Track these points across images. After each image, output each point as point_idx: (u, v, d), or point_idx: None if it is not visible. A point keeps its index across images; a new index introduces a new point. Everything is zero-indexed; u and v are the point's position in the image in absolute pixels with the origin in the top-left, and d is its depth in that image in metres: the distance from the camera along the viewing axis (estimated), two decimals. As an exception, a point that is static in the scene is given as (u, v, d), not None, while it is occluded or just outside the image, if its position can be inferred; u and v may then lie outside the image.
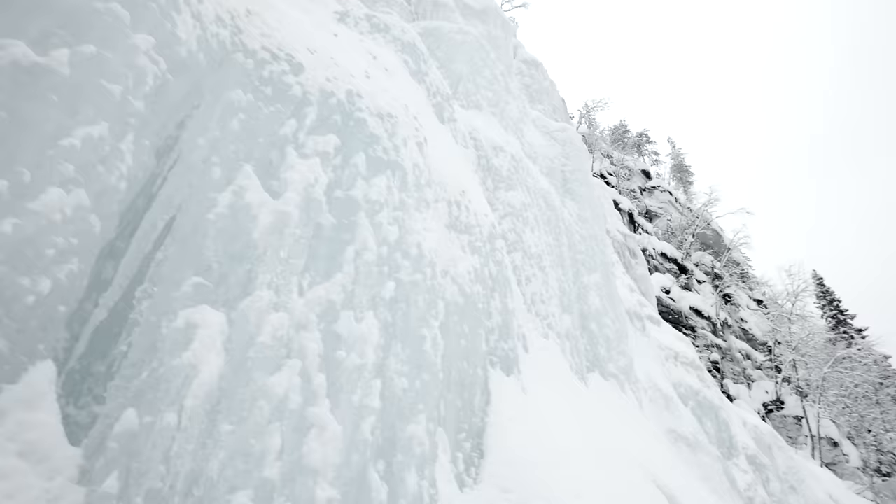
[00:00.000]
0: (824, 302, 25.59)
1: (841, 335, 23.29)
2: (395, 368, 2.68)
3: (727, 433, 10.43)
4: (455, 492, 3.07)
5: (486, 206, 5.58)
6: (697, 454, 8.89)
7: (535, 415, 4.28)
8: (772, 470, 11.14)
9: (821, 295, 26.03)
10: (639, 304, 11.27)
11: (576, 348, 6.33)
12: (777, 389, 18.20)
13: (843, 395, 18.54)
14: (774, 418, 17.80)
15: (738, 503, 9.44)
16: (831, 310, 25.54)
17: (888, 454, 18.17)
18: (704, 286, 20.72)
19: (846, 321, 25.02)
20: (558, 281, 6.68)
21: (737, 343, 19.38)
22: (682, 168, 35.28)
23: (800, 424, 17.51)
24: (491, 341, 4.32)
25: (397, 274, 2.98)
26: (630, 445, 5.88)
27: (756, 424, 12.72)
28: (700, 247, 23.25)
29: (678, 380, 10.21)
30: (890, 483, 17.41)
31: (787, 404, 17.99)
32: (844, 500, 13.87)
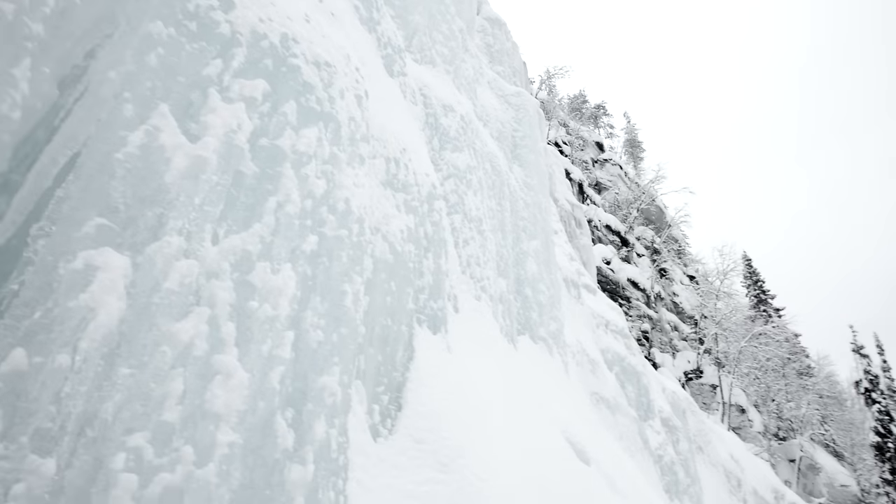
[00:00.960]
0: (750, 282, 27.47)
1: (760, 313, 25.19)
2: (311, 321, 2.72)
3: (646, 398, 11.23)
4: (368, 441, 3.20)
5: (429, 166, 5.59)
6: (616, 416, 9.56)
7: (459, 372, 4.47)
8: (682, 432, 12.14)
9: (748, 275, 27.89)
10: (577, 272, 11.73)
11: (508, 311, 6.57)
12: (698, 360, 19.63)
13: (756, 367, 20.24)
14: (693, 386, 19.26)
15: (649, 460, 10.30)
16: (755, 289, 27.47)
17: (786, 421, 20.17)
18: (643, 260, 21.72)
19: (767, 300, 27.03)
20: (497, 245, 6.84)
21: (667, 315, 20.62)
22: (634, 143, 36.16)
23: (714, 392, 19.05)
24: (420, 300, 4.42)
25: (321, 228, 2.98)
26: (551, 405, 6.25)
27: (674, 391, 13.74)
28: (643, 222, 24.22)
29: (606, 346, 10.82)
30: (784, 446, 19.42)
31: (705, 373, 19.47)
32: (743, 460, 15.37)
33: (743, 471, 15.05)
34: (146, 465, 1.88)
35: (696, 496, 11.52)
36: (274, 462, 2.35)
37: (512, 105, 10.27)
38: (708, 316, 20.55)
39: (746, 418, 19.23)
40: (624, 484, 6.80)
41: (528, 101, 10.56)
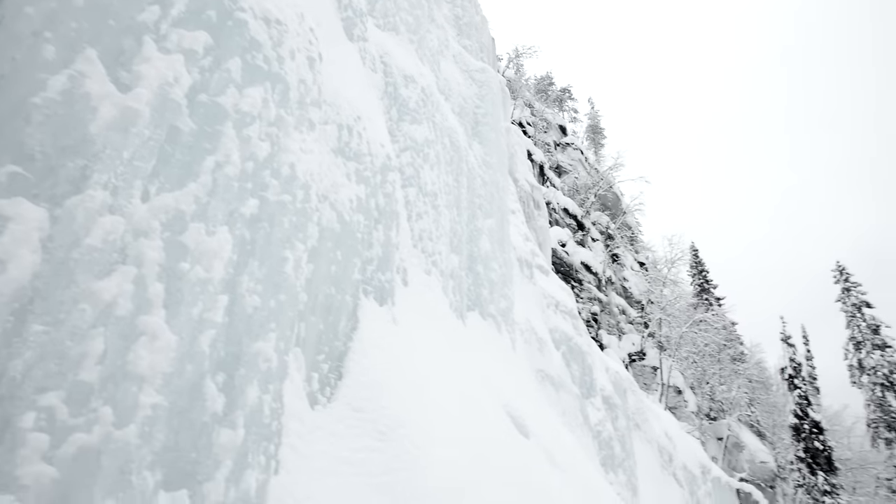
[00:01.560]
0: (695, 271, 28.74)
1: (703, 301, 26.48)
2: (247, 286, 2.67)
3: (590, 376, 11.67)
4: (305, 408, 3.20)
5: (385, 137, 5.51)
6: (560, 393, 9.91)
7: (404, 344, 4.50)
8: (622, 409, 12.72)
9: (693, 265, 29.14)
10: (531, 253, 11.94)
11: (459, 287, 6.63)
12: (642, 342, 20.52)
13: (694, 352, 21.37)
14: (636, 367, 20.15)
15: (588, 435, 10.76)
16: (699, 279, 28.78)
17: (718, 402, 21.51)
18: (597, 244, 22.33)
19: (709, 290, 28.40)
20: (451, 221, 6.86)
21: (616, 299, 21.36)
22: (596, 129, 36.72)
23: (655, 374, 20.01)
24: (368, 271, 4.40)
25: (263, 192, 2.90)
26: (495, 380, 6.40)
27: (617, 371, 14.34)
28: (600, 207, 24.81)
29: (555, 326, 11.13)
30: (714, 425, 20.76)
31: (648, 356, 20.39)
32: (676, 437, 16.29)
33: (675, 447, 15.95)
34: (59, 424, 1.82)
35: (630, 470, 12.14)
36: (202, 425, 2.32)
37: (476, 81, 10.20)
38: (654, 301, 21.44)
39: (682, 399, 20.34)
40: (562, 457, 7.08)
41: (492, 78, 10.51)
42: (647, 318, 21.42)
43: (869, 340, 27.10)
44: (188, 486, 2.16)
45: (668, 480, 15.25)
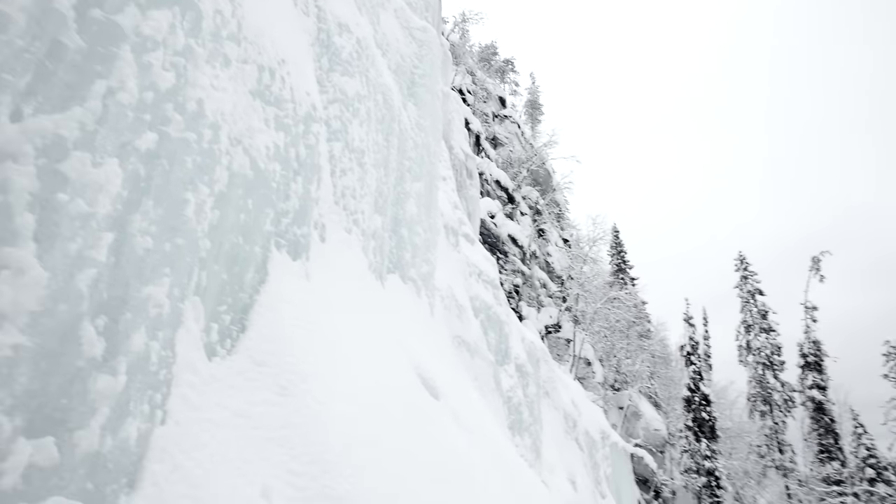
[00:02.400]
0: (614, 251, 30.40)
1: (618, 280, 28.13)
2: (140, 226, 2.50)
3: (506, 345, 12.15)
4: (201, 359, 3.09)
5: (312, 86, 5.28)
6: (475, 358, 10.25)
7: (316, 301, 4.43)
8: (533, 377, 13.39)
9: (614, 245, 30.77)
10: (459, 221, 12.06)
11: (380, 249, 6.59)
12: (559, 316, 21.58)
13: (606, 327, 22.79)
14: (551, 338, 21.20)
15: (499, 400, 11.28)
16: (618, 259, 30.49)
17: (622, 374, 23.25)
18: (525, 218, 22.95)
19: (625, 269, 30.18)
20: (377, 181, 6.75)
21: (539, 273, 22.20)
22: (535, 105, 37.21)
23: (568, 346, 21.17)
24: (282, 224, 4.25)
25: (163, 126, 2.69)
26: (410, 342, 6.49)
27: (532, 341, 15.02)
28: (531, 182, 25.40)
29: (476, 294, 11.42)
30: (617, 395, 22.48)
31: (563, 328, 21.51)
32: (581, 405, 17.46)
33: (580, 415, 17.08)
34: None
35: (535, 434, 12.89)
36: (76, 370, 2.17)
37: (416, 40, 9.93)
38: (574, 277, 22.49)
39: (591, 370, 21.73)
40: (470, 419, 7.36)
41: (433, 39, 10.28)
42: (565, 293, 22.47)
43: (758, 324, 30.06)
44: (56, 434, 2.03)
45: (570, 445, 16.37)
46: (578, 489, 15.14)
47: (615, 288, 24.39)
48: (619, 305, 22.85)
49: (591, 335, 22.22)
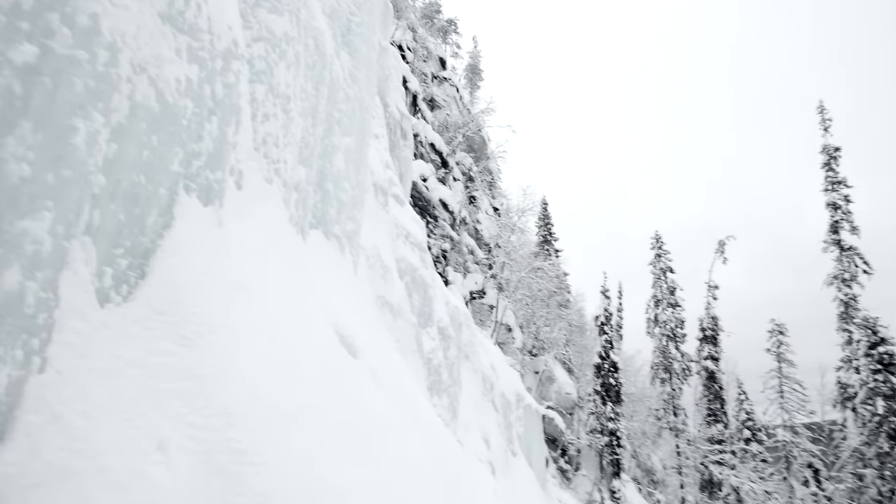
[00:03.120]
0: (542, 223, 31.36)
1: (544, 251, 29.16)
2: (13, 150, 2.21)
3: (429, 307, 12.29)
4: (91, 304, 2.85)
5: (235, 19, 4.88)
6: (398, 320, 10.29)
7: (228, 250, 4.21)
8: (455, 341, 13.71)
9: (542, 217, 31.70)
10: (390, 181, 11.87)
11: (304, 202, 6.36)
12: (484, 282, 22.10)
13: (528, 295, 23.67)
14: (475, 304, 21.72)
15: (419, 362, 11.47)
16: (545, 230, 31.50)
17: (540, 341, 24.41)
18: (458, 184, 23.02)
19: (551, 241, 31.31)
20: (304, 131, 6.45)
21: (467, 239, 22.49)
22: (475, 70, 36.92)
23: (491, 312, 21.81)
24: (193, 166, 3.96)
25: (46, 40, 2.37)
26: (330, 300, 6.38)
27: (457, 305, 15.30)
28: (466, 148, 25.41)
29: (402, 256, 11.38)
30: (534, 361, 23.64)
31: (487, 295, 22.09)
32: (499, 369, 18.18)
33: (497, 378, 17.78)
34: None
35: (454, 395, 13.29)
36: (-69, 308, 1.93)
37: (354, -15, 9.43)
38: (501, 246, 23.00)
39: (511, 336, 22.58)
40: (388, 378, 7.43)
41: (372, -13, 9.80)
42: (492, 261, 22.99)
43: (666, 299, 32.41)
44: None
45: (486, 406, 17.06)
46: (492, 447, 15.88)
47: (540, 258, 25.25)
48: (543, 275, 23.72)
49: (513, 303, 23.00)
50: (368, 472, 4.44)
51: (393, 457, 5.25)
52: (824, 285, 28.97)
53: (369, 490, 4.25)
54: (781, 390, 28.45)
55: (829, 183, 29.79)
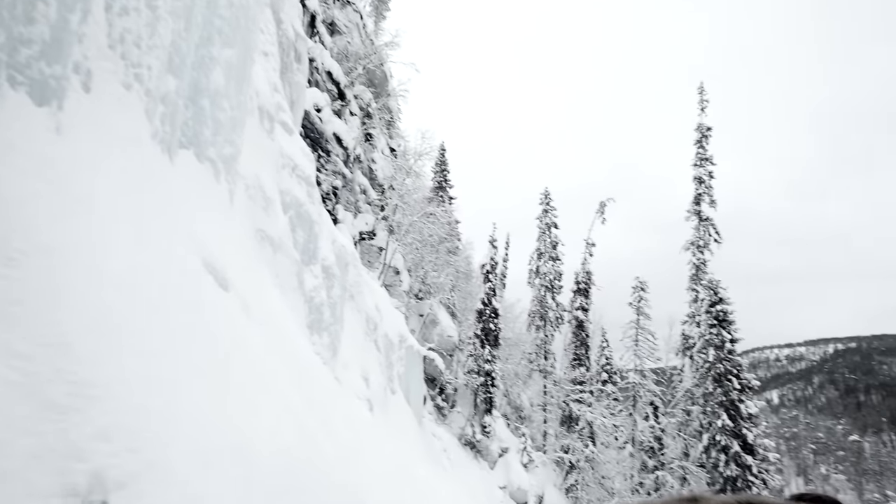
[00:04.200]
0: (438, 169, 31.51)
1: (438, 196, 29.45)
2: None
3: (314, 244, 11.97)
4: None
5: None
6: (278, 255, 9.92)
7: (71, 160, 3.72)
8: (339, 280, 13.58)
9: (439, 162, 31.81)
10: (278, 106, 11.09)
11: (172, 117, 5.74)
12: (375, 223, 21.92)
13: (419, 240, 23.94)
14: (364, 245, 21.56)
15: (300, 299, 11.25)
16: (440, 177, 31.72)
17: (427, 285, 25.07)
18: (354, 120, 22.15)
19: (446, 188, 31.68)
20: (174, 35, 5.73)
21: (361, 178, 21.95)
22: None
23: (380, 254, 21.82)
24: (21, 54, 3.37)
25: None
26: (200, 228, 5.95)
27: (344, 245, 15.07)
28: (366, 82, 24.36)
29: (287, 189, 10.86)
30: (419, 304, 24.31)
31: (378, 236, 22.00)
32: (384, 311, 18.46)
33: (382, 319, 18.06)
34: None
35: (335, 334, 13.30)
36: None
37: None
38: (395, 188, 22.81)
39: (399, 279, 22.88)
40: (263, 313, 7.23)
41: None
42: (385, 202, 22.77)
43: (548, 253, 34.62)
44: None
45: (369, 346, 17.35)
46: (371, 386, 16.31)
47: (433, 204, 25.48)
48: (435, 221, 24.03)
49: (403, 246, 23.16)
50: (231, 405, 4.35)
51: (259, 390, 5.18)
52: (682, 249, 32.72)
53: (231, 423, 4.18)
54: (637, 339, 32.16)
55: (698, 159, 33.08)
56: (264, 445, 4.67)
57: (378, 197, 23.22)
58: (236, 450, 4.02)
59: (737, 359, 28.14)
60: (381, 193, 23.43)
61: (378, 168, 24.25)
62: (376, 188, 23.84)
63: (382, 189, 23.57)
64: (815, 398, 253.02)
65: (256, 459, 4.31)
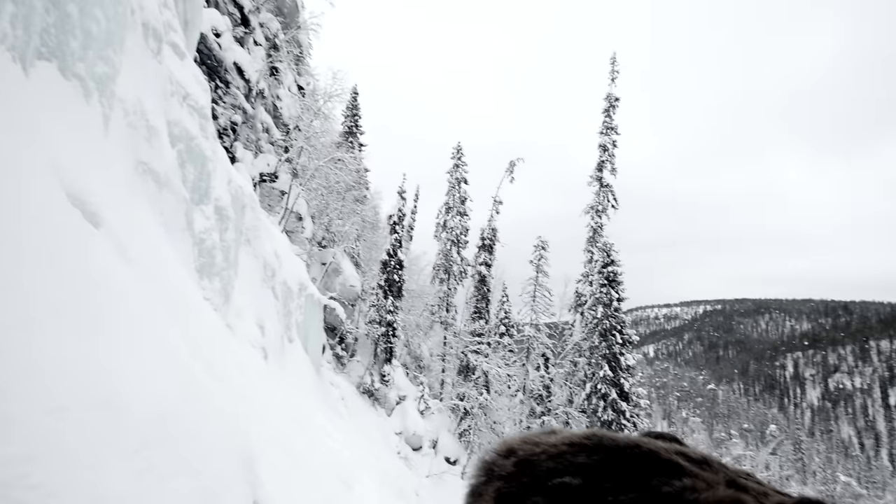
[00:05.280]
0: (350, 113, 30.35)
1: (348, 142, 28.51)
2: None
3: (206, 183, 11.16)
4: None
5: None
6: (164, 192, 9.14)
7: None
8: (234, 223, 12.86)
9: (351, 106, 30.62)
10: (167, 25, 9.95)
11: (27, 20, 4.97)
12: (278, 165, 20.83)
13: (325, 185, 23.17)
14: (265, 187, 20.48)
15: (189, 241, 10.53)
16: (351, 121, 30.63)
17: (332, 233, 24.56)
18: (259, 50, 20.50)
19: (357, 134, 30.71)
20: (30, -78, 4.90)
21: (264, 115, 20.55)
22: (296, -84, 32.13)
23: (282, 198, 20.89)
24: None
25: None
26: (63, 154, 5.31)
27: (241, 185, 14.21)
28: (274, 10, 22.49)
29: (177, 119, 9.93)
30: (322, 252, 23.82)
31: (280, 179, 20.97)
32: (284, 257, 17.87)
33: (281, 266, 17.51)
34: None
35: (228, 279, 12.71)
36: None
37: None
38: (301, 129, 21.67)
39: (301, 225, 22.14)
40: (140, 253, 6.71)
41: None
42: (289, 144, 21.59)
43: (456, 208, 35.10)
44: None
45: (266, 293, 16.81)
46: (267, 334, 15.93)
47: (342, 149, 24.60)
48: (342, 167, 23.29)
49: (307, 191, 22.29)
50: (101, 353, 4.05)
51: (135, 336, 4.87)
52: (583, 213, 34.65)
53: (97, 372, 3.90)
54: (535, 295, 34.02)
55: (604, 127, 34.69)
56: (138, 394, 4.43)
57: (282, 137, 21.95)
58: (104, 400, 3.78)
59: (621, 316, 30.78)
60: (285, 134, 22.15)
61: (283, 106, 22.82)
62: (280, 128, 22.49)
63: (287, 129, 22.27)
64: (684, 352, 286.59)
65: (129, 408, 4.08)
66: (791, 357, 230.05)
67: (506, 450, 0.59)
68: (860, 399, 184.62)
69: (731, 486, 0.49)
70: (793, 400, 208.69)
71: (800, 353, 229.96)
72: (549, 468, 0.52)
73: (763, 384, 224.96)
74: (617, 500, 0.47)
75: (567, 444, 0.55)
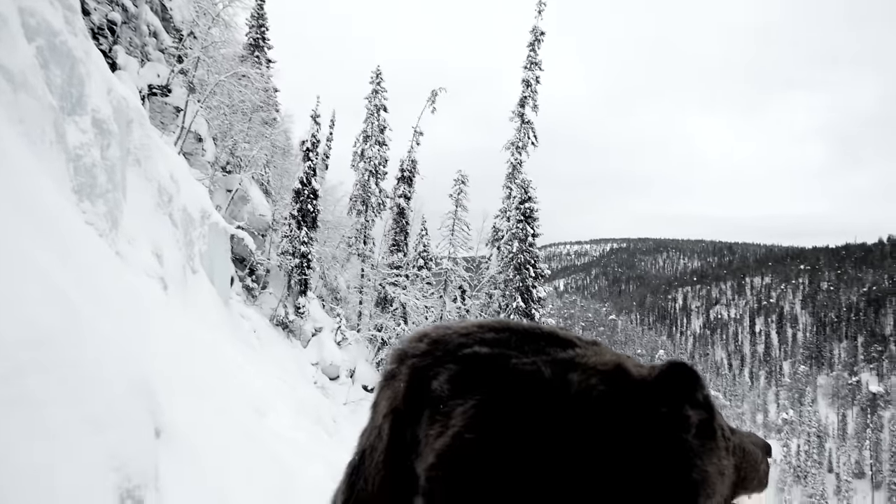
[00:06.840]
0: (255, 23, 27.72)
1: (254, 57, 26.14)
2: None
3: (79, 90, 9.68)
4: None
5: None
6: (21, 96, 7.77)
7: None
8: (118, 139, 11.42)
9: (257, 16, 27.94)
10: None
11: None
12: (170, 77, 18.64)
13: (227, 104, 21.22)
14: (156, 102, 18.40)
15: (61, 157, 9.20)
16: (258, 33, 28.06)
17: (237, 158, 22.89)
18: (143, -63, 17.72)
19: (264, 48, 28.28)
20: None
21: (151, 16, 18.07)
22: None
23: (177, 115, 18.92)
24: None
25: None
26: None
27: (125, 96, 12.55)
28: None
29: (32, 8, 8.27)
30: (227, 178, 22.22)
31: (174, 94, 18.85)
32: (182, 182, 16.40)
33: (178, 191, 16.11)
34: None
35: (115, 202, 11.43)
36: None
37: None
38: (197, 37, 19.37)
39: (201, 147, 20.33)
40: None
41: None
42: (183, 52, 19.28)
43: (375, 137, 33.86)
44: None
45: (162, 219, 15.46)
46: (165, 263, 14.80)
47: (247, 64, 22.40)
48: (248, 85, 21.31)
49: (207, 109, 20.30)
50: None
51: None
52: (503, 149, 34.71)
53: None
54: (453, 229, 34.28)
55: (528, 62, 34.23)
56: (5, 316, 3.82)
57: (174, 44, 19.52)
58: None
59: (536, 251, 31.93)
60: (178, 41, 19.69)
61: (174, 7, 20.17)
62: (172, 33, 19.97)
63: (181, 35, 19.80)
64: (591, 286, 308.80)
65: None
66: (682, 291, 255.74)
67: (419, 335, 0.66)
68: (733, 327, 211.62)
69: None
70: (679, 328, 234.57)
71: (689, 287, 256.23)
72: (459, 342, 0.60)
73: (656, 315, 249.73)
74: (521, 362, 0.54)
75: (476, 326, 0.63)
